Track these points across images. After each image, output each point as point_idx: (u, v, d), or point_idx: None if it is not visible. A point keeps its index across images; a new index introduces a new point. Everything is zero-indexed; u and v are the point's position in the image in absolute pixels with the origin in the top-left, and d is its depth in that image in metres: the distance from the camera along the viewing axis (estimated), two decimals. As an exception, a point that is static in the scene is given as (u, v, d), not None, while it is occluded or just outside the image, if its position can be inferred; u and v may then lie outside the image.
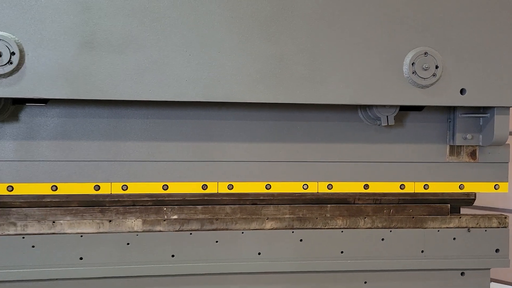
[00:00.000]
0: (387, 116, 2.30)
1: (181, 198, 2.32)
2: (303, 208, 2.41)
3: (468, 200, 2.56)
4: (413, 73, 2.15)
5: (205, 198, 2.33)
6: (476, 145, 2.45)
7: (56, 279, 2.21)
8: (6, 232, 2.17)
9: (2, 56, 1.88)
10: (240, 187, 2.34)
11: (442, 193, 2.50)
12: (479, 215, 2.53)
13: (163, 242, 2.27)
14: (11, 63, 1.90)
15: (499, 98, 2.24)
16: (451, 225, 2.49)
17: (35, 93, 1.95)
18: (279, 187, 2.37)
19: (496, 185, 2.50)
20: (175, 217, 2.30)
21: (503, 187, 2.50)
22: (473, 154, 2.47)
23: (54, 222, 2.21)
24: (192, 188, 2.30)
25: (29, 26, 1.92)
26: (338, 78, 2.13)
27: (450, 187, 2.48)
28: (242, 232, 2.33)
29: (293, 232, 2.37)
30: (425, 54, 2.15)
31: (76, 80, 1.96)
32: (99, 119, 2.23)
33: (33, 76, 1.93)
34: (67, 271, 2.20)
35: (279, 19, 2.07)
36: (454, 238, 2.48)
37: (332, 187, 2.41)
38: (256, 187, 2.35)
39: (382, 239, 2.43)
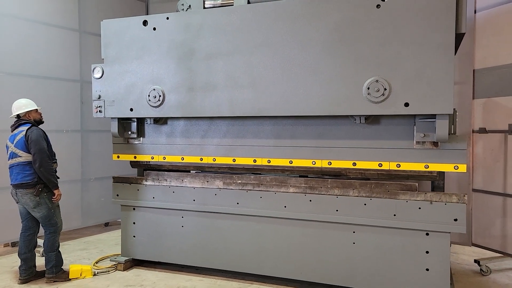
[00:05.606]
0: (359, 117, 3.47)
1: (242, 167, 4.02)
2: (313, 180, 3.77)
3: (431, 176, 3.42)
4: (368, 94, 3.28)
5: (255, 167, 3.98)
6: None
7: (185, 210, 4.21)
8: (162, 184, 4.31)
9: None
10: (275, 162, 3.86)
11: (410, 170, 3.43)
12: (441, 192, 3.36)
13: (233, 194, 4.02)
14: (159, 100, 3.98)
15: (435, 108, 3.12)
16: (418, 198, 3.41)
17: (168, 114, 4.00)
18: (297, 163, 3.78)
19: (455, 166, 3.28)
20: (240, 181, 4.02)
21: (462, 168, 3.27)
22: (435, 143, 3.32)
23: (182, 180, 4.24)
24: (248, 161, 3.96)
25: (166, 82, 3.96)
26: (319, 99, 3.44)
27: (417, 167, 3.40)
28: (275, 193, 3.87)
29: (305, 195, 3.76)
30: (376, 81, 3.25)
31: (185, 107, 3.91)
32: (199, 126, 4.13)
33: (168, 106, 3.98)
34: (187, 206, 4.19)
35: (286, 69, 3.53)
36: (419, 208, 3.40)
37: (331, 164, 3.67)
38: (283, 162, 3.84)
39: (365, 204, 3.57)
